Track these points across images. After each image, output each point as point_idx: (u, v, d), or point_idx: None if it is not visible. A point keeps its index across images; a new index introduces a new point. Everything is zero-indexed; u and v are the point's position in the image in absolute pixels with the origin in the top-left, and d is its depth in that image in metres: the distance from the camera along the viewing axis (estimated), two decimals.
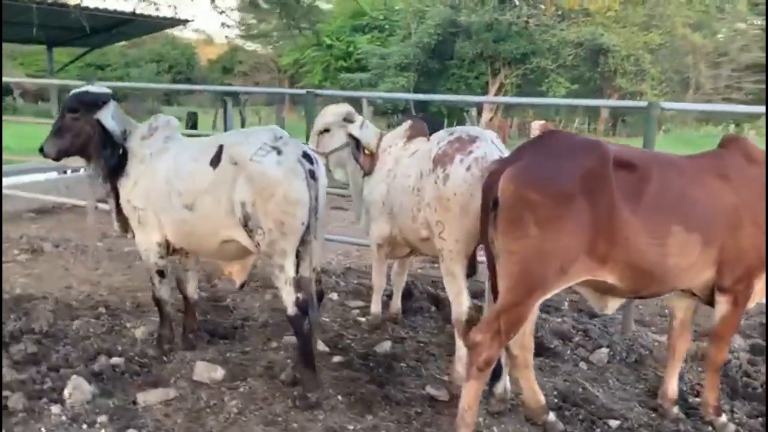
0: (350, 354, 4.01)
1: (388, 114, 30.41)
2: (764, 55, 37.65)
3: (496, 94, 33.03)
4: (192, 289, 4.06)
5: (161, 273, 3.85)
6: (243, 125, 23.49)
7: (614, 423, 3.21)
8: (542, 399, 3.17)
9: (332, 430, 3.12)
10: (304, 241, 3.30)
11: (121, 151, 3.77)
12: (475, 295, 3.89)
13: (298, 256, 3.32)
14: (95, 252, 6.01)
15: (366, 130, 4.16)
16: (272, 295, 5.05)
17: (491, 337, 2.79)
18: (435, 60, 31.78)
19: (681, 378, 3.67)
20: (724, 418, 3.20)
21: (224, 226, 3.37)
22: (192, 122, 15.51)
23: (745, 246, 2.92)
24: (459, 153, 3.27)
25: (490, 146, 3.30)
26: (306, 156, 3.27)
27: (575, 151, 2.74)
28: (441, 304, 4.83)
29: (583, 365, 3.94)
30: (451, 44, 31.70)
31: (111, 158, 3.76)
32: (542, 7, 31.41)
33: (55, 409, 3.18)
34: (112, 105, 3.83)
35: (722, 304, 3.02)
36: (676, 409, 3.31)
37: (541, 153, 2.75)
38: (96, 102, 3.79)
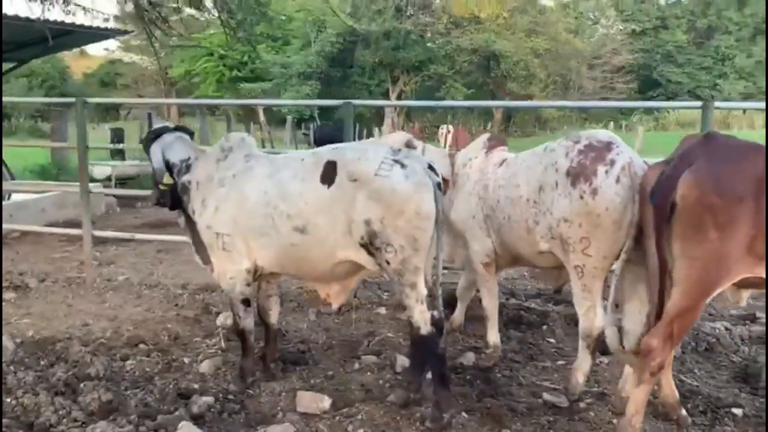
0: None
1: (294, 122, 29.95)
2: (631, 57, 40.99)
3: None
4: (275, 317, 3.81)
5: (247, 302, 3.55)
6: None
7: (738, 411, 3.34)
8: (677, 395, 3.24)
9: None
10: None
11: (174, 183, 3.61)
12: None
13: None
14: (94, 284, 5.45)
15: (429, 154, 3.97)
16: (315, 313, 4.83)
17: (664, 342, 2.82)
18: (336, 68, 31.83)
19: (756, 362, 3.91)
20: None
21: (341, 247, 3.16)
22: (117, 138, 14.56)
23: None
24: (600, 164, 3.13)
25: (629, 150, 3.22)
26: (431, 168, 3.15)
27: (744, 154, 2.79)
28: None
29: None
30: (351, 53, 31.89)
31: (161, 195, 3.62)
32: (436, 16, 32.31)
33: None
34: (165, 138, 3.68)
35: None
36: None
37: (714, 157, 2.77)
38: (150, 139, 3.70)
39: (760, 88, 40.17)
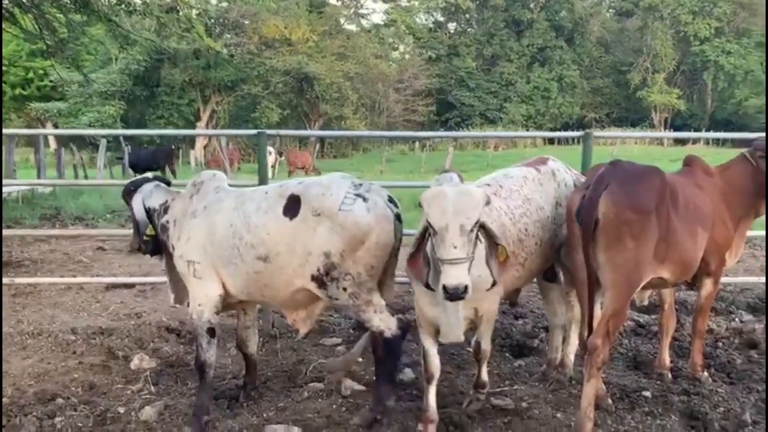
0: None
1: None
2: (429, 81, 44.14)
3: (209, 121, 32.81)
4: (253, 347, 3.92)
5: (212, 332, 3.52)
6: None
7: (647, 393, 3.92)
8: (604, 387, 3.74)
9: None
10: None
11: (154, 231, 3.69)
12: None
13: None
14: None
15: None
16: (236, 347, 4.70)
17: (603, 340, 3.26)
18: (142, 87, 30.24)
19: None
20: (706, 373, 4.14)
21: (297, 276, 3.28)
22: None
23: (718, 238, 3.87)
24: None
25: None
26: (390, 200, 3.34)
27: (645, 175, 3.34)
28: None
29: None
30: (158, 71, 30.53)
31: (145, 243, 3.68)
32: (246, 36, 32.14)
33: None
34: (145, 188, 3.72)
35: (708, 284, 3.95)
36: (670, 374, 4.16)
37: (624, 180, 3.27)
38: (130, 191, 3.74)
39: (538, 110, 45.47)
